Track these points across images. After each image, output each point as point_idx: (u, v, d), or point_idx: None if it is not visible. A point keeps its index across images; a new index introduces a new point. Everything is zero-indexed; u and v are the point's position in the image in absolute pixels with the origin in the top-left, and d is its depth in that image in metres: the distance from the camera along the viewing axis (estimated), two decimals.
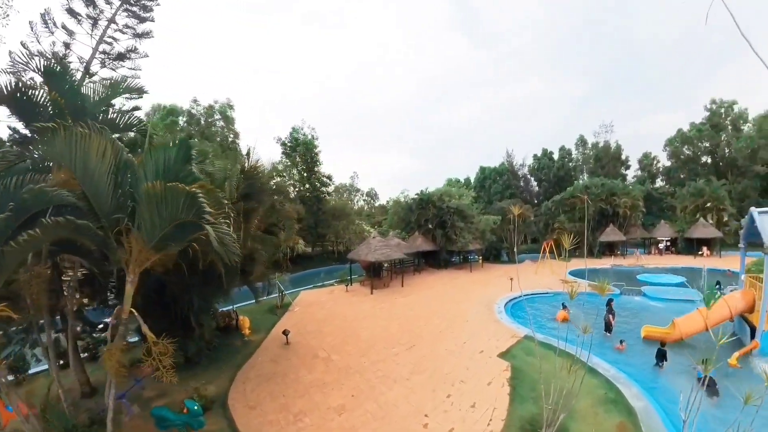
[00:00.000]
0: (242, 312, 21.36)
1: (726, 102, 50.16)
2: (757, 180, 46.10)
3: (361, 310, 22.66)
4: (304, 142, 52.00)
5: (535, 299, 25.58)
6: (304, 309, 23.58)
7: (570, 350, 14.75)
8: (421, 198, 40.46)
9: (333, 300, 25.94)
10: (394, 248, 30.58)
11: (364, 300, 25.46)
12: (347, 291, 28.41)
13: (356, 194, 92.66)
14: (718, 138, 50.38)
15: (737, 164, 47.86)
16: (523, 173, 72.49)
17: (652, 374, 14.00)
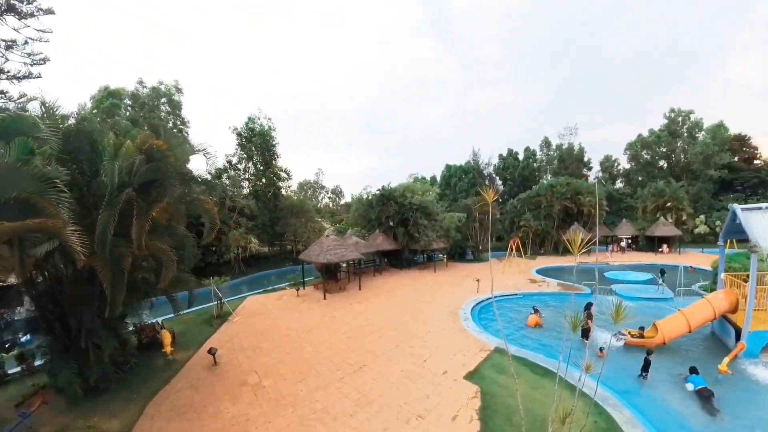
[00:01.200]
0: (175, 324, 18.04)
1: (684, 111, 53.81)
2: (710, 183, 49.65)
3: (308, 320, 19.54)
4: (260, 133, 47.77)
5: (503, 302, 23.57)
6: (245, 319, 20.21)
7: (547, 364, 12.78)
8: (382, 194, 37.80)
9: (280, 307, 22.63)
10: (350, 248, 27.62)
11: (314, 307, 22.32)
12: (298, 296, 25.16)
13: (321, 191, 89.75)
14: (675, 144, 54.03)
15: (692, 168, 51.05)
16: (489, 172, 72.91)
17: (637, 387, 12.37)
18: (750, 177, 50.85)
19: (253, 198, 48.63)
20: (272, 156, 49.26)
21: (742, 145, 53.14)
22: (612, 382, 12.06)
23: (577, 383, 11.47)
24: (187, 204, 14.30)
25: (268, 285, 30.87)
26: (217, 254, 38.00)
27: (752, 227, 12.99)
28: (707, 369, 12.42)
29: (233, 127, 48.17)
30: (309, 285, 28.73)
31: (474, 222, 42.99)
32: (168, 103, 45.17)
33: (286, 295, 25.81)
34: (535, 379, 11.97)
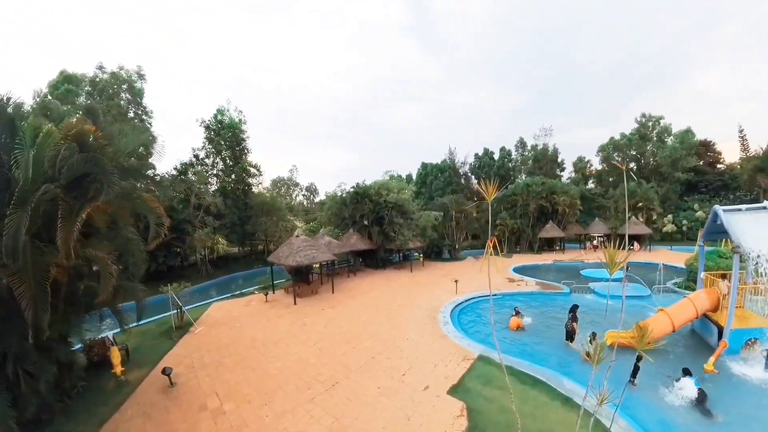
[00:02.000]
0: (130, 337, 15.84)
1: (654, 117, 56.48)
2: (677, 185, 52.26)
3: (277, 329, 17.94)
4: (229, 125, 45.17)
5: (481, 302, 22.79)
6: (208, 329, 18.37)
7: (535, 372, 11.93)
8: (357, 191, 36.41)
9: (247, 314, 20.87)
10: (322, 248, 26.15)
11: (284, 314, 20.71)
12: (266, 302, 23.44)
13: (295, 189, 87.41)
14: (645, 147, 56.57)
15: (660, 170, 53.60)
16: (465, 171, 72.85)
17: (627, 394, 11.39)
18: (713, 180, 54.11)
19: (220, 195, 46.17)
20: (242, 151, 46.86)
21: (707, 150, 56.72)
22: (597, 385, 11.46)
23: (570, 392, 10.94)
24: (134, 203, 12.49)
25: (237, 289, 28.84)
26: (181, 256, 35.42)
27: (734, 228, 12.97)
28: (692, 369, 12.01)
29: (201, 120, 45.45)
30: (279, 288, 27.04)
31: (451, 221, 42.34)
32: (128, 91, 41.63)
33: (254, 301, 24.04)
34: (524, 391, 11.05)
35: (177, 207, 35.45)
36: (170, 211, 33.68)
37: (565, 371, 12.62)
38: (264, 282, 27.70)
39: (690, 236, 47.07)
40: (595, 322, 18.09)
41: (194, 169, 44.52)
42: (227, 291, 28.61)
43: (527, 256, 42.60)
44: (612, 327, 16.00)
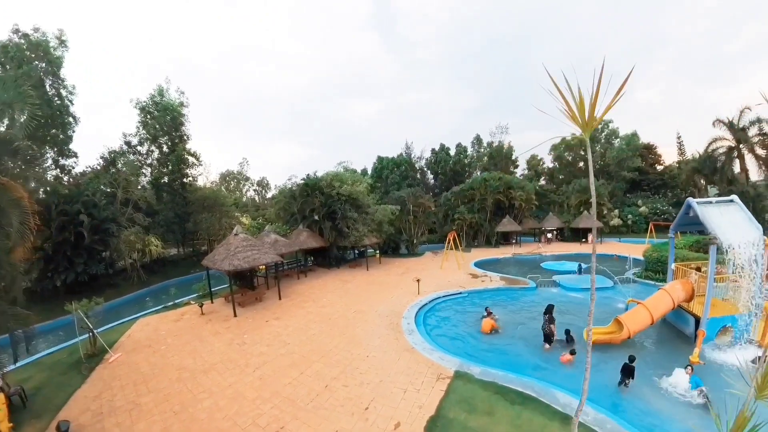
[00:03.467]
0: (32, 371, 13.00)
1: (604, 120, 56.08)
2: (623, 183, 56.11)
3: (211, 352, 14.41)
4: (165, 107, 39.25)
5: (446, 303, 20.81)
6: (127, 356, 14.42)
7: (523, 387, 9.97)
8: (307, 183, 33.06)
9: (177, 332, 16.97)
10: (266, 248, 22.71)
11: (220, 330, 17.06)
12: (202, 314, 19.55)
13: (245, 183, 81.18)
14: (594, 148, 60.23)
15: (608, 170, 57.50)
16: (421, 166, 72.17)
17: (618, 396, 10.66)
18: (655, 179, 58.89)
19: (153, 188, 40.34)
20: (181, 138, 41.18)
21: (649, 152, 61.04)
22: (592, 396, 9.82)
23: (565, 407, 9.21)
24: None
25: (170, 299, 23.99)
26: (107, 262, 29.92)
27: (710, 221, 12.93)
28: (674, 360, 12.06)
29: (136, 100, 39.16)
30: (219, 296, 23.13)
31: (408, 215, 40.33)
32: (44, 58, 33.40)
33: (188, 313, 20.03)
34: (516, 414, 9.00)
35: (99, 202, 29.89)
36: (90, 207, 28.40)
37: (549, 379, 11.25)
38: (201, 289, 23.66)
39: (634, 229, 49.86)
40: (569, 322, 16.64)
41: (125, 159, 38.57)
42: (163, 301, 24.12)
43: (486, 250, 41.78)
44: (580, 323, 15.65)
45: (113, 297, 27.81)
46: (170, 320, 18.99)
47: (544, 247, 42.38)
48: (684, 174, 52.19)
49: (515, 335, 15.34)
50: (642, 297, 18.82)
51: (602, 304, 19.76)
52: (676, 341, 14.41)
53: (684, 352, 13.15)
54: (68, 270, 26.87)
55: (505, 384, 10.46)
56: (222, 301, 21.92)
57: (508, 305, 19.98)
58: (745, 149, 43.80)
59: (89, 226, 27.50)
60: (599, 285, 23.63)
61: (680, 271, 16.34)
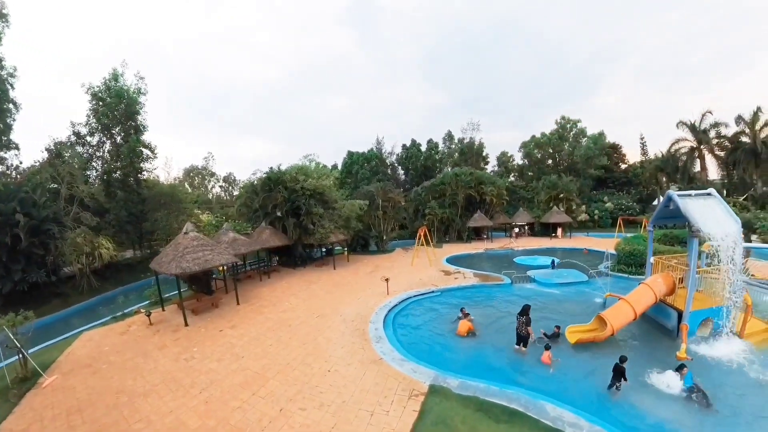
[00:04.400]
0: None
1: (572, 120, 62.54)
2: (590, 180, 58.14)
3: (155, 370, 12.21)
4: (119, 93, 35.08)
5: (419, 302, 19.41)
6: (63, 379, 12.01)
7: (508, 400, 8.81)
8: (269, 177, 30.65)
9: (121, 348, 14.50)
10: (222, 248, 20.41)
11: (168, 342, 14.74)
12: (150, 324, 17.02)
13: (210, 179, 76.71)
14: (563, 146, 62.25)
15: (576, 167, 59.10)
16: (392, 161, 71.06)
17: (611, 402, 9.78)
18: (619, 177, 61.84)
19: (104, 184, 36.36)
20: (136, 128, 37.04)
21: (615, 151, 64.16)
22: (575, 399, 9.55)
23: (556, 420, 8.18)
24: None
25: (119, 308, 21.00)
26: (49, 269, 26.22)
27: (693, 213, 12.74)
28: (660, 356, 11.99)
29: (88, 85, 34.74)
30: (172, 302, 20.54)
31: (377, 210, 38.77)
32: None
33: (136, 324, 17.41)
34: None
35: (38, 200, 26.29)
36: (28, 206, 24.87)
37: (534, 385, 10.33)
38: (153, 296, 20.97)
39: (600, 224, 51.31)
40: (547, 317, 16.24)
41: (71, 151, 34.46)
42: (114, 311, 21.02)
43: (458, 246, 41.05)
44: (558, 320, 14.96)
45: (60, 308, 24.71)
46: (116, 333, 16.36)
47: (516, 241, 42.22)
48: (647, 172, 55.88)
49: (493, 337, 14.12)
50: (617, 291, 18.52)
51: (579, 300, 19.28)
52: (658, 336, 14.09)
53: (667, 346, 12.96)
54: (4, 278, 23.42)
55: (487, 398, 9.09)
56: (174, 309, 19.35)
57: (484, 303, 18.85)
58: (706, 150, 47.03)
59: (26, 227, 23.99)
60: (574, 279, 23.33)
61: (659, 265, 15.91)
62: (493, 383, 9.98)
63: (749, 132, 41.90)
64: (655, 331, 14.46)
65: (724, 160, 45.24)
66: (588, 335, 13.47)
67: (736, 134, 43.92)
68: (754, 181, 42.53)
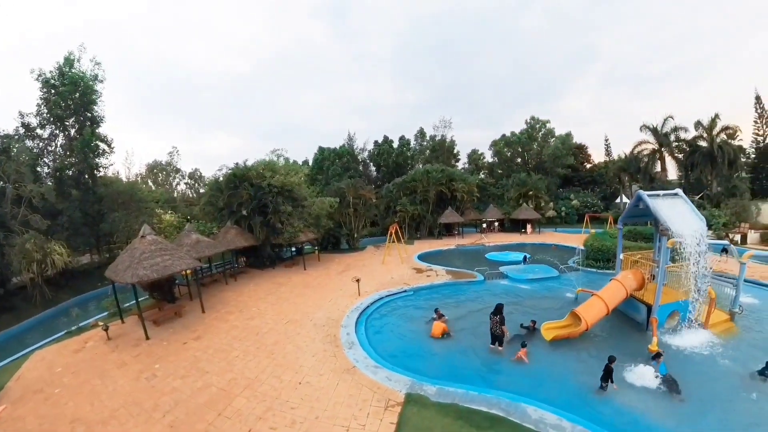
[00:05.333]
0: None
1: (541, 120, 65.03)
2: (557, 178, 60.24)
3: (114, 393, 10.83)
4: (74, 80, 31.59)
5: (390, 302, 18.86)
6: (13, 408, 10.32)
7: (489, 406, 8.54)
8: (234, 173, 29.06)
9: (77, 367, 12.83)
10: (183, 251, 18.98)
11: (128, 359, 13.24)
12: (109, 339, 15.32)
13: (175, 175, 71.83)
14: (532, 145, 64.40)
15: (544, 166, 60.96)
16: (363, 158, 69.96)
17: (597, 402, 9.59)
18: (585, 176, 64.92)
19: (56, 182, 33.07)
20: (93, 119, 33.67)
21: (580, 151, 67.12)
22: (555, 398, 9.41)
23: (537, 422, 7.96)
24: None
25: (74, 322, 18.97)
26: None
27: (661, 212, 13.25)
28: (632, 349, 12.28)
29: (38, 71, 31.19)
30: (132, 314, 18.41)
31: (348, 207, 37.96)
32: None
33: (93, 339, 15.58)
34: None
35: None
36: None
37: (513, 386, 10.14)
38: (111, 306, 19.00)
39: (567, 221, 52.90)
40: (522, 311, 16.33)
41: (20, 145, 30.91)
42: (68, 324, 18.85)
43: (429, 242, 41.00)
44: (533, 316, 14.88)
45: (11, 323, 21.96)
46: (70, 351, 14.53)
47: (486, 237, 42.68)
48: (611, 172, 58.40)
49: (469, 337, 13.80)
50: (587, 285, 19.01)
51: (551, 296, 19.44)
52: (629, 329, 14.41)
53: (638, 339, 13.31)
54: None
55: (466, 405, 8.69)
56: (135, 320, 17.31)
57: (457, 302, 18.57)
58: (666, 152, 49.79)
59: None
60: (545, 275, 23.63)
61: (629, 261, 16.41)
62: (472, 388, 9.61)
63: (707, 137, 44.61)
64: (625, 325, 14.75)
65: (683, 161, 47.88)
66: (563, 332, 13.55)
67: (694, 138, 46.58)
68: (709, 182, 45.14)
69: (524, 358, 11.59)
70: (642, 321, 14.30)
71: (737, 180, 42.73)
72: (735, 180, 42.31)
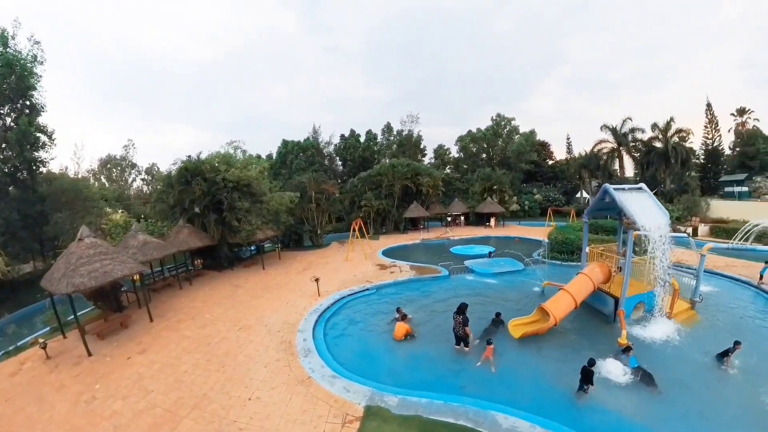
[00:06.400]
0: None
1: (507, 117, 66.54)
2: (521, 173, 61.63)
3: (50, 421, 9.16)
4: (9, 61, 27.26)
5: (351, 303, 17.78)
6: None
7: (455, 415, 7.89)
8: (186, 167, 26.71)
9: (12, 393, 10.82)
10: (127, 254, 16.99)
11: (68, 380, 11.35)
12: (48, 358, 13.11)
13: (131, 171, 66.93)
14: (497, 141, 65.79)
15: (508, 161, 62.40)
16: (329, 152, 68.17)
17: (576, 407, 9.11)
18: (547, 171, 67.03)
19: None
20: (32, 107, 29.55)
21: (543, 148, 69.13)
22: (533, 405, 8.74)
23: None
24: None
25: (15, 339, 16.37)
26: None
27: (628, 206, 13.34)
28: (602, 342, 12.31)
29: None
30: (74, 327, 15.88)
31: (310, 202, 36.42)
32: None
33: (31, 360, 13.27)
34: None
35: None
36: None
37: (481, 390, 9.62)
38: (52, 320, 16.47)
39: (530, 214, 54.36)
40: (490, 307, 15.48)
41: None
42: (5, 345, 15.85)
43: (394, 237, 40.31)
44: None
45: None
46: (5, 375, 12.25)
47: (452, 231, 42.55)
48: (572, 168, 60.97)
49: (433, 338, 13.01)
50: (553, 278, 18.85)
51: (518, 289, 19.12)
52: (596, 322, 14.37)
53: (607, 332, 13.29)
54: None
55: (431, 416, 7.88)
56: (74, 337, 14.94)
57: (421, 299, 17.82)
58: (624, 151, 53.11)
59: None
60: (510, 268, 23.40)
61: (594, 254, 16.62)
62: (437, 396, 8.79)
63: (662, 138, 47.95)
64: (593, 318, 14.67)
65: (639, 160, 51.07)
66: (532, 328, 13.11)
67: (650, 139, 49.97)
68: (663, 179, 48.01)
69: (491, 357, 10.99)
70: (609, 313, 14.33)
71: (688, 178, 45.66)
72: (686, 178, 45.12)
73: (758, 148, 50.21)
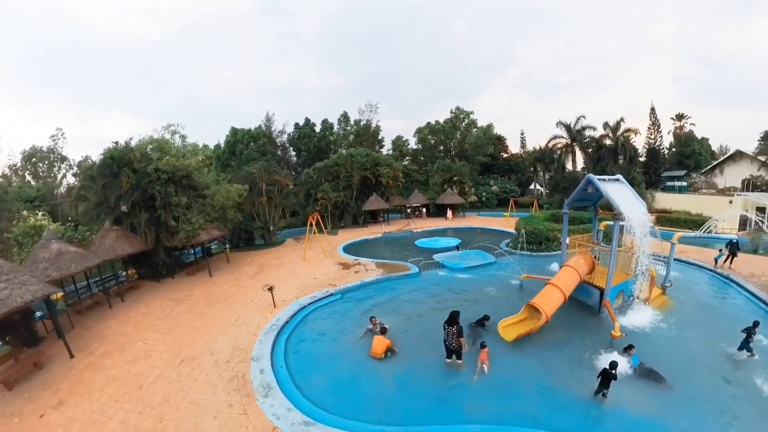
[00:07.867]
0: None
1: (465, 111, 67.90)
2: (478, 165, 62.36)
3: None
4: None
5: (314, 312, 15.47)
6: None
7: None
8: (111, 156, 22.47)
9: None
10: (34, 273, 13.43)
11: None
12: None
13: (60, 165, 56.58)
14: (455, 134, 66.97)
15: (466, 154, 63.14)
16: (282, 141, 64.15)
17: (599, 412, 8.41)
18: (503, 164, 69.02)
19: None
20: None
21: (500, 142, 71.31)
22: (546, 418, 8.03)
23: None
24: None
25: None
26: None
27: (614, 197, 13.19)
28: (593, 334, 12.12)
29: None
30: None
31: (260, 196, 33.20)
32: None
33: None
34: None
35: None
36: None
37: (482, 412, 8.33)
38: None
39: (488, 205, 55.53)
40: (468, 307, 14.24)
41: None
42: None
43: (354, 231, 38.33)
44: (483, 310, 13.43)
45: None
46: None
47: (413, 223, 41.54)
48: (528, 161, 64.83)
49: (417, 351, 11.22)
50: (526, 270, 18.16)
51: (494, 284, 17.99)
52: (584, 315, 14.01)
53: (596, 324, 13.12)
54: None
55: None
56: None
57: (393, 302, 16.03)
58: (577, 147, 57.24)
59: None
60: (482, 261, 22.38)
61: (576, 245, 16.37)
62: (435, 430, 7.37)
63: (612, 136, 52.21)
64: (579, 311, 14.22)
65: (591, 155, 54.83)
66: (524, 328, 12.08)
67: (601, 136, 54.04)
68: (612, 173, 50.59)
69: (487, 362, 9.73)
70: (594, 304, 14.14)
71: (635, 173, 48.39)
72: (633, 173, 47.62)
73: (693, 148, 55.96)
